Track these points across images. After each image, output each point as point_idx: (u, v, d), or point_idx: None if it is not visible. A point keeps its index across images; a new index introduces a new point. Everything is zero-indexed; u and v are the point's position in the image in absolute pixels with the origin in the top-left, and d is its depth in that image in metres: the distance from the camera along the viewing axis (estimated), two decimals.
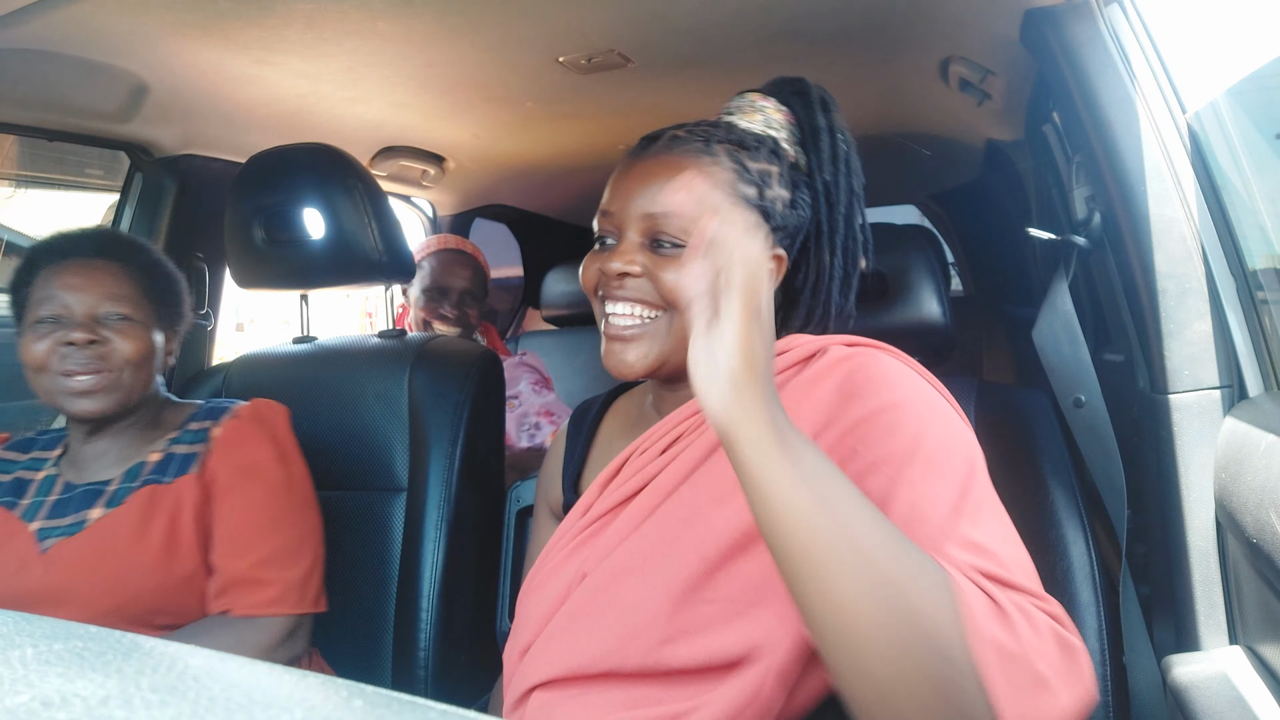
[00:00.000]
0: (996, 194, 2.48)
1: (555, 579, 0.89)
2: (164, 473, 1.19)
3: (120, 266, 1.20)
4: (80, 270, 1.18)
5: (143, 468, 1.20)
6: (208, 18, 1.29)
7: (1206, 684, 0.98)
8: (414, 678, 1.36)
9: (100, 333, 1.16)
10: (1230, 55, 1.26)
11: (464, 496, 1.45)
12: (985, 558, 0.67)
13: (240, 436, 1.23)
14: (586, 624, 0.81)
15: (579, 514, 0.92)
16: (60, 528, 1.16)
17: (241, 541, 1.16)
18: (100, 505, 1.17)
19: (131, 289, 1.20)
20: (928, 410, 0.78)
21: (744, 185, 0.87)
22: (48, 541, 1.15)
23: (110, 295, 1.18)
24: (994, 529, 0.71)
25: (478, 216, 2.81)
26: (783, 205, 0.89)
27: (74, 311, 1.16)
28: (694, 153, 0.87)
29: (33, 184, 4.29)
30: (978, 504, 0.72)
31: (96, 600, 1.11)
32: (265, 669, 0.29)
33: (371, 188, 1.51)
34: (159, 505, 1.16)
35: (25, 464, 1.25)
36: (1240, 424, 1.01)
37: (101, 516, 1.16)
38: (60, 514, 1.17)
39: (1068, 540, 1.12)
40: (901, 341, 1.39)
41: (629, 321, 0.87)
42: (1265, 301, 1.10)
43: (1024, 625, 0.63)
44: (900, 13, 1.42)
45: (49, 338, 1.15)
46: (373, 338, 1.60)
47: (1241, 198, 1.16)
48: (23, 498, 1.21)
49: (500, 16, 1.36)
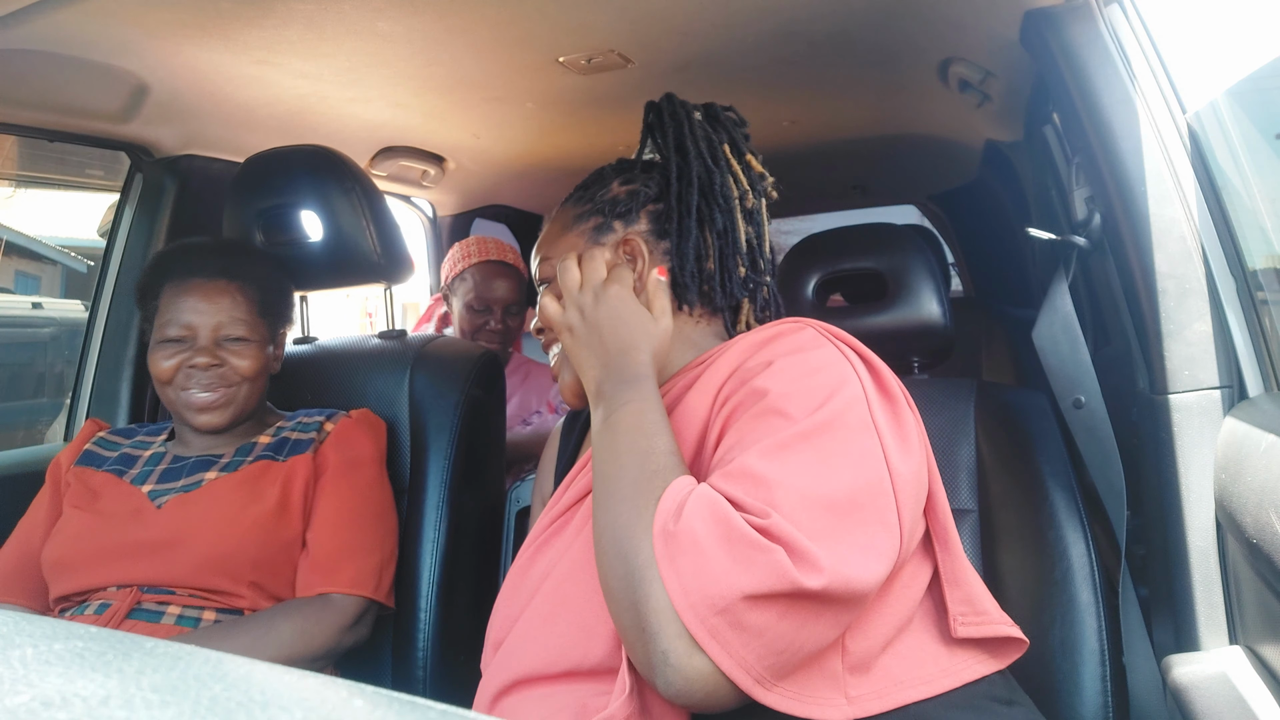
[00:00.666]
0: (996, 195, 2.48)
1: (524, 578, 0.91)
2: (278, 451, 1.31)
3: (239, 287, 1.31)
4: (204, 291, 1.29)
5: (255, 446, 1.32)
6: (208, 18, 1.29)
7: (1206, 684, 0.98)
8: (414, 678, 1.36)
9: (220, 355, 1.28)
10: (1230, 55, 1.26)
11: (463, 497, 1.45)
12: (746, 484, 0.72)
13: (352, 433, 1.34)
14: (551, 624, 0.83)
15: (551, 506, 0.95)
16: (175, 488, 1.26)
17: (336, 524, 1.26)
18: (215, 470, 1.28)
19: (248, 310, 1.31)
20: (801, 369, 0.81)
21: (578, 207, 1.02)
22: (162, 499, 1.24)
23: (230, 318, 1.29)
24: (787, 464, 0.73)
25: (478, 217, 2.81)
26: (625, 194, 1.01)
27: (198, 334, 1.28)
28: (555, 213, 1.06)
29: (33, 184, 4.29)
30: (783, 444, 0.74)
31: (204, 549, 1.19)
32: (265, 669, 0.29)
33: (369, 189, 1.51)
34: (272, 477, 1.27)
35: (131, 444, 1.36)
36: (1240, 424, 1.01)
37: (216, 478, 1.26)
38: (176, 476, 1.28)
39: (1067, 541, 1.12)
40: (901, 341, 1.40)
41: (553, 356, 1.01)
42: (1265, 301, 1.10)
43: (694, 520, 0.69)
44: (900, 14, 1.42)
45: (176, 357, 1.27)
46: (373, 338, 1.60)
47: (1241, 198, 1.16)
48: (131, 468, 1.31)
49: (500, 17, 1.36)
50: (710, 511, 0.69)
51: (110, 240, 1.82)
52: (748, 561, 0.66)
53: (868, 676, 0.79)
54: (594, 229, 1.00)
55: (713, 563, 0.66)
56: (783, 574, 0.65)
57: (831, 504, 0.71)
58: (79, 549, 1.21)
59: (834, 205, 3.12)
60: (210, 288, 1.29)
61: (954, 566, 0.87)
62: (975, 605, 0.87)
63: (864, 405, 0.79)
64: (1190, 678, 1.00)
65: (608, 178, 1.05)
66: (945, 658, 0.84)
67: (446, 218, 2.75)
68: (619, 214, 1.00)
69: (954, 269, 3.45)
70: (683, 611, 0.66)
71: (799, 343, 0.84)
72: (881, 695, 0.79)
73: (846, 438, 0.76)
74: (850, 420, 0.77)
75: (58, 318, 4.40)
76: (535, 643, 0.82)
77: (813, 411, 0.76)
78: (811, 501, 0.70)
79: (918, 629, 0.85)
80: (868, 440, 0.77)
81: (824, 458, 0.74)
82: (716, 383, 0.86)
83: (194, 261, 1.32)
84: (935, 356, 1.42)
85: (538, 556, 0.92)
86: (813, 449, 0.74)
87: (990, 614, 0.88)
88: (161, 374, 1.28)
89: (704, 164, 1.00)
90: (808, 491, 0.71)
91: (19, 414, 4.12)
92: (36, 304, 4.64)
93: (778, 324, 0.91)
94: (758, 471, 0.72)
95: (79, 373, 1.79)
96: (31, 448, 1.78)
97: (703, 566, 0.66)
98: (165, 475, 1.29)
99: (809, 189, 2.87)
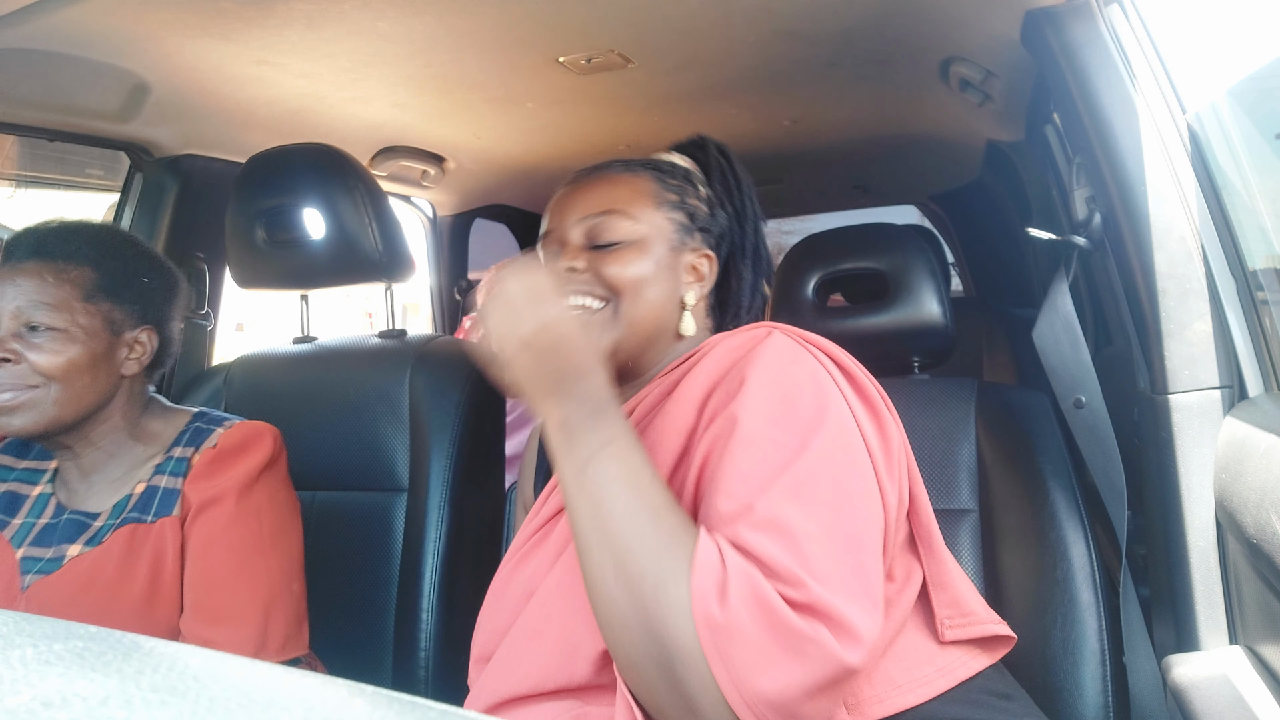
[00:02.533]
0: (997, 194, 2.48)
1: (506, 591, 0.91)
2: (146, 510, 1.10)
3: (58, 267, 1.08)
4: (10, 274, 1.07)
5: (128, 501, 1.11)
6: (208, 18, 1.29)
7: (1206, 684, 0.98)
8: (414, 678, 1.36)
9: (12, 348, 1.05)
10: (1230, 55, 1.26)
11: (464, 497, 1.45)
12: (774, 537, 0.69)
13: (213, 468, 1.12)
14: (537, 641, 0.82)
15: (531, 517, 0.94)
16: (41, 561, 1.09)
17: (191, 597, 1.07)
18: (80, 542, 1.09)
19: (67, 294, 1.07)
20: (783, 388, 0.79)
21: (666, 192, 0.99)
22: (28, 576, 1.08)
23: (32, 302, 1.05)
24: (809, 507, 0.71)
25: (478, 216, 2.81)
26: (707, 209, 1.03)
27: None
28: (617, 171, 1.01)
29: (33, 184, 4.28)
30: (799, 481, 0.72)
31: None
32: (265, 669, 0.29)
33: (371, 188, 1.51)
34: (141, 547, 1.08)
35: (20, 474, 1.18)
36: (1240, 424, 1.01)
37: (80, 554, 1.08)
38: (45, 543, 1.10)
39: (1068, 541, 1.12)
40: (902, 341, 1.40)
41: (584, 310, 0.94)
42: (1265, 301, 1.10)
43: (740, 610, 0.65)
44: (900, 13, 1.42)
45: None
46: (373, 338, 1.60)
47: (1241, 198, 1.16)
48: (14, 517, 1.14)
49: (500, 17, 1.36)
50: (754, 597, 0.66)
51: None
52: (799, 654, 0.64)
53: (868, 683, 0.80)
54: (682, 226, 0.99)
55: (765, 658, 0.64)
56: (833, 660, 0.65)
57: (851, 544, 0.71)
58: None
59: (834, 205, 3.12)
60: (18, 270, 1.07)
61: (938, 570, 0.87)
62: (961, 607, 0.87)
63: (853, 422, 0.79)
64: (1190, 678, 1.00)
65: (691, 180, 1.05)
66: (940, 657, 0.84)
67: (446, 218, 2.75)
68: (701, 228, 1.01)
69: (954, 269, 3.44)
70: (736, 706, 0.64)
71: (775, 356, 0.82)
72: (881, 700, 0.79)
73: (849, 463, 0.75)
74: (847, 442, 0.77)
75: None
76: (522, 662, 0.82)
77: (809, 438, 0.74)
78: (835, 546, 0.70)
79: (912, 630, 0.85)
80: (865, 462, 0.77)
81: (837, 493, 0.73)
82: (699, 395, 0.84)
83: (19, 243, 1.10)
84: (936, 356, 1.42)
85: (519, 569, 0.91)
86: (827, 483, 0.73)
87: (977, 613, 0.88)
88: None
89: (756, 220, 1.07)
90: (832, 540, 0.70)
91: None
92: None
93: (750, 330, 0.89)
94: (782, 519, 0.70)
95: None
96: None
97: (755, 662, 0.64)
98: (41, 535, 1.10)
99: (809, 189, 2.87)
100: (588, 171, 1.03)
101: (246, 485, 1.12)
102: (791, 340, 0.85)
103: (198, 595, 1.07)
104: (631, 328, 0.93)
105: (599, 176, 1.00)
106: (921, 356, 1.41)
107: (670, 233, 0.98)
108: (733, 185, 1.07)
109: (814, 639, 0.64)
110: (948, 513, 1.21)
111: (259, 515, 1.12)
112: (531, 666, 0.81)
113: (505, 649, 0.85)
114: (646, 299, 0.94)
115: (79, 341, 1.07)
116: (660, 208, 0.98)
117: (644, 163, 1.03)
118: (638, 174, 1.01)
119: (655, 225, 0.97)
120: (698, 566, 0.67)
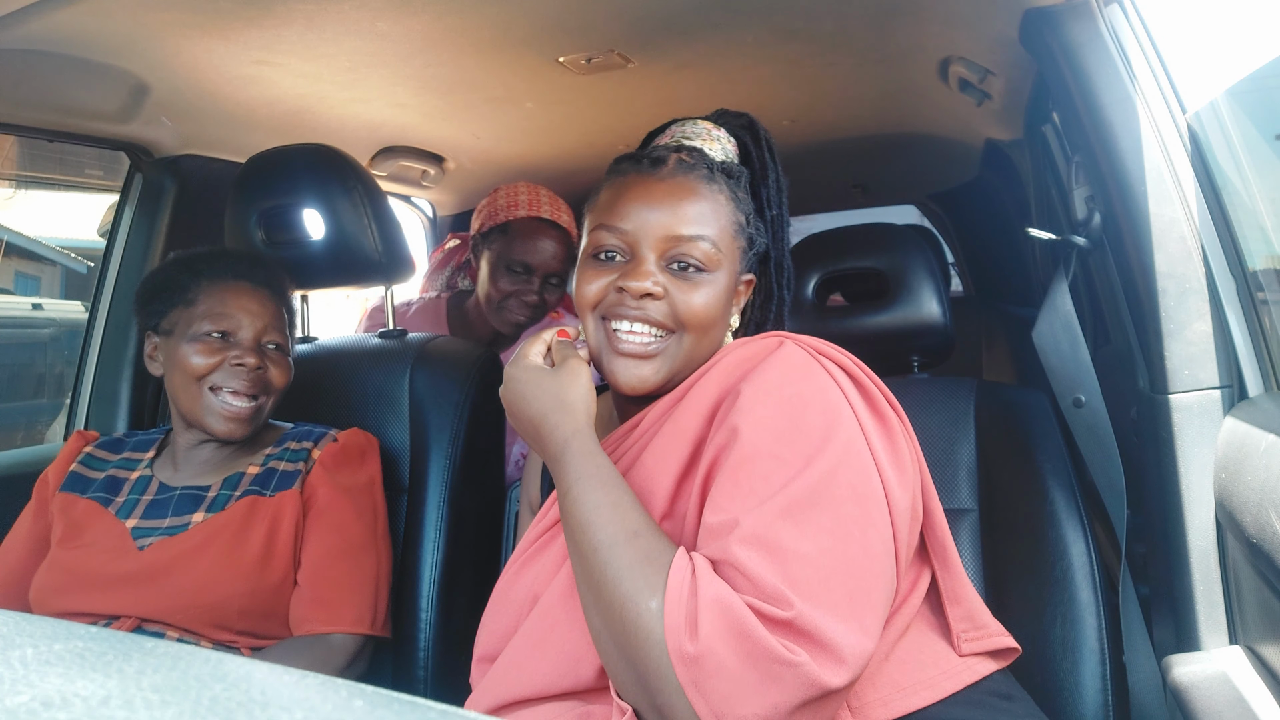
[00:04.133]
0: (996, 194, 2.48)
1: (510, 593, 0.91)
2: (265, 485, 1.25)
3: (274, 297, 1.29)
4: (252, 294, 1.26)
5: (242, 478, 1.26)
6: (208, 18, 1.29)
7: (1206, 684, 0.98)
8: (414, 678, 1.36)
9: (263, 360, 1.25)
10: (1230, 55, 1.26)
11: (464, 497, 1.45)
12: (763, 553, 0.69)
13: (340, 461, 1.29)
14: (541, 649, 0.82)
15: (537, 521, 0.94)
16: (159, 528, 1.20)
17: (329, 561, 1.22)
18: (201, 510, 1.22)
19: (281, 321, 1.30)
20: (790, 404, 0.78)
21: (737, 212, 0.92)
22: (146, 539, 1.19)
23: (271, 325, 1.27)
24: (803, 527, 0.71)
25: None
26: (755, 231, 0.96)
27: (245, 334, 1.24)
28: (703, 179, 0.91)
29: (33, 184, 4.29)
30: (797, 500, 0.72)
31: (188, 598, 1.15)
32: (265, 669, 0.29)
33: (371, 188, 1.51)
34: (260, 515, 1.21)
35: (117, 463, 1.31)
36: (1240, 424, 1.01)
37: (203, 521, 1.21)
38: (158, 515, 1.22)
39: (1067, 540, 1.12)
40: (902, 341, 1.40)
41: (646, 339, 0.88)
42: (1265, 301, 1.10)
43: (713, 640, 0.65)
44: (900, 13, 1.42)
45: (217, 355, 1.22)
46: (373, 338, 1.60)
47: (1241, 198, 1.16)
48: (117, 495, 1.26)
49: (500, 17, 1.36)
50: (727, 625, 0.65)
51: (110, 240, 1.82)
52: (776, 679, 0.64)
53: (871, 686, 0.79)
54: (742, 253, 0.93)
55: (742, 687, 0.64)
56: (812, 683, 0.64)
57: (847, 567, 0.70)
58: (64, 590, 1.17)
59: (834, 205, 3.12)
60: (257, 293, 1.27)
61: (954, 584, 0.87)
62: (975, 620, 0.87)
63: (861, 440, 0.77)
64: (1190, 677, 1.00)
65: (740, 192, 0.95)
66: (946, 659, 0.84)
67: (446, 218, 2.75)
68: (751, 240, 0.95)
69: (954, 269, 3.44)
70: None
71: (783, 369, 0.81)
72: (886, 703, 0.79)
73: (853, 484, 0.74)
74: (853, 462, 0.75)
75: (58, 318, 4.39)
76: (525, 669, 0.82)
77: (814, 457, 0.74)
78: (828, 569, 0.69)
79: (918, 633, 0.85)
80: (871, 482, 0.76)
81: (835, 516, 0.72)
82: (708, 404, 0.83)
83: (235, 265, 1.29)
84: (935, 356, 1.42)
85: (523, 572, 0.91)
86: (825, 505, 0.72)
87: (989, 627, 0.89)
88: (197, 369, 1.21)
89: (786, 228, 1.01)
90: (824, 559, 0.69)
91: (19, 415, 4.12)
92: (36, 304, 4.64)
93: (762, 340, 0.88)
94: (773, 539, 0.69)
95: (78, 373, 1.79)
96: (31, 448, 1.78)
97: (732, 692, 0.64)
98: (150, 509, 1.23)
99: (809, 189, 2.87)
100: (661, 160, 0.92)
101: (372, 486, 1.31)
102: (803, 352, 0.83)
103: (320, 569, 1.21)
104: (689, 362, 0.89)
105: (682, 181, 0.90)
106: (921, 356, 1.41)
107: (736, 263, 0.93)
108: (773, 190, 1.00)
109: (790, 662, 0.64)
110: (948, 512, 1.20)
111: (375, 512, 1.30)
112: (536, 674, 0.81)
113: (509, 656, 0.85)
114: (712, 334, 0.91)
115: (290, 360, 1.32)
116: (736, 235, 0.92)
117: (719, 168, 0.94)
118: (716, 184, 0.91)
119: (731, 255, 0.91)
120: (669, 599, 0.67)
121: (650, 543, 0.72)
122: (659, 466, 0.83)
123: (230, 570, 1.17)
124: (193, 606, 1.15)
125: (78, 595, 1.17)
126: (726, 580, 0.70)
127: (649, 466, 0.84)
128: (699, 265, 0.88)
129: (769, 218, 0.99)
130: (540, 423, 0.84)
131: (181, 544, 1.18)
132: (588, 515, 0.75)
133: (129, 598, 1.15)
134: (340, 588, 1.21)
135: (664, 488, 0.82)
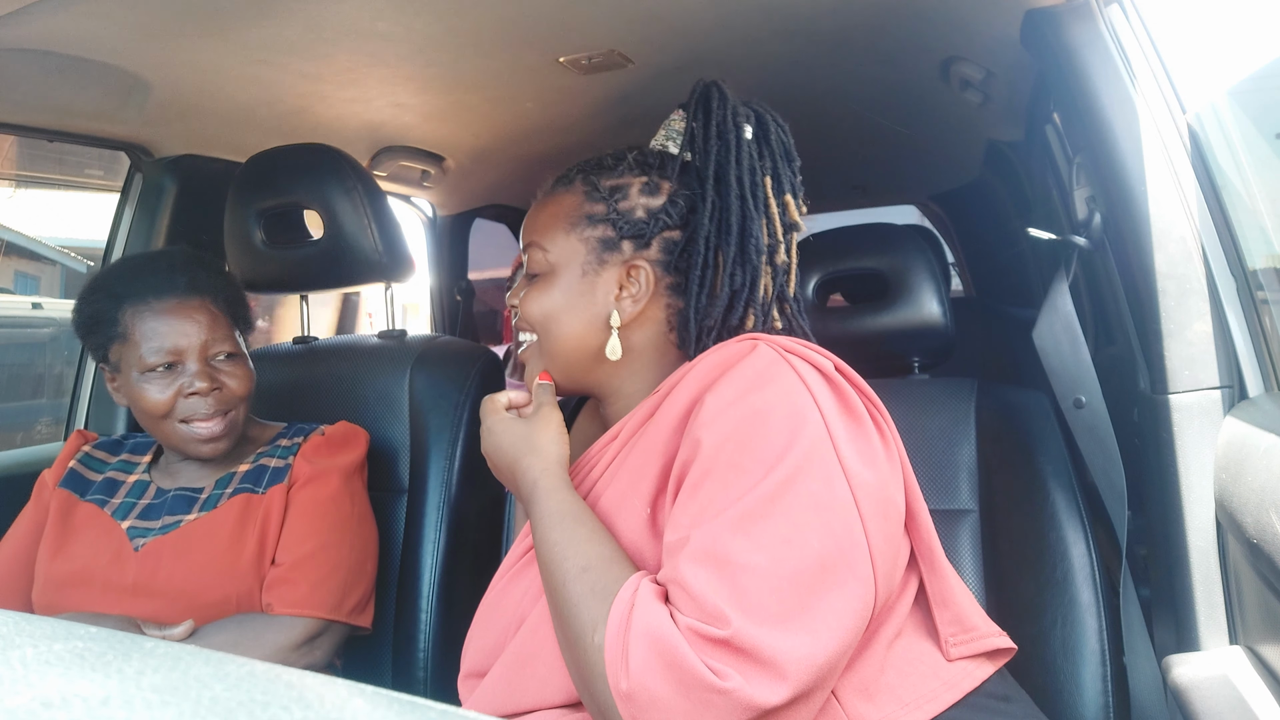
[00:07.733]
0: (997, 194, 2.48)
1: (498, 607, 0.91)
2: (257, 483, 1.24)
3: (208, 301, 1.21)
4: (182, 309, 1.18)
5: (233, 477, 1.26)
6: (208, 18, 1.28)
7: (1207, 684, 0.98)
8: (414, 678, 1.36)
9: (217, 377, 1.19)
10: (1230, 55, 1.26)
11: (464, 497, 1.45)
12: (710, 569, 0.69)
13: (319, 450, 1.28)
14: (530, 667, 0.82)
15: (522, 538, 0.94)
16: (153, 529, 1.20)
17: (290, 540, 1.20)
18: (194, 510, 1.22)
19: (227, 322, 1.23)
20: (751, 414, 0.76)
21: (591, 204, 0.94)
22: (141, 540, 1.19)
23: (213, 337, 1.20)
24: (756, 539, 0.70)
25: (478, 216, 2.81)
26: (644, 212, 0.93)
27: (189, 358, 1.18)
28: (555, 188, 0.99)
29: (33, 184, 4.29)
30: (750, 511, 0.71)
31: (189, 597, 1.15)
32: (265, 669, 0.29)
33: (371, 188, 1.51)
34: (252, 513, 1.21)
35: (116, 465, 1.31)
36: (1240, 424, 1.01)
37: (194, 520, 1.20)
38: (153, 516, 1.22)
39: (1068, 541, 1.12)
40: (902, 341, 1.40)
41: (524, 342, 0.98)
42: (1265, 301, 1.10)
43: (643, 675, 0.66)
44: (901, 13, 1.42)
45: (170, 387, 1.17)
46: (373, 338, 1.60)
47: (1241, 198, 1.16)
48: (113, 497, 1.26)
49: (500, 17, 1.36)
50: (656, 657, 0.66)
51: (110, 240, 1.82)
52: (708, 707, 0.64)
53: (871, 703, 0.78)
54: (601, 242, 0.92)
55: (675, 718, 0.65)
56: (746, 706, 0.64)
57: (801, 577, 0.68)
58: (63, 591, 1.18)
59: (834, 205, 3.12)
60: (186, 305, 1.19)
61: (941, 587, 0.85)
62: (964, 623, 0.86)
63: (827, 444, 0.75)
64: (1191, 678, 1.00)
65: (626, 177, 0.94)
66: (945, 671, 0.83)
67: (446, 218, 2.75)
68: (633, 235, 0.91)
69: (954, 269, 3.44)
70: None
71: (749, 376, 0.78)
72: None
73: (813, 492, 0.72)
74: (814, 470, 0.73)
75: (58, 318, 4.39)
76: (513, 686, 0.83)
77: (773, 466, 0.72)
78: (780, 580, 0.68)
79: (916, 643, 0.84)
80: (835, 488, 0.73)
81: (792, 524, 0.70)
82: (678, 414, 0.82)
83: (152, 280, 1.20)
84: (936, 356, 1.42)
85: (510, 589, 0.91)
86: (780, 514, 0.70)
87: (980, 628, 0.87)
88: (156, 407, 1.17)
89: (743, 207, 0.90)
90: (776, 570, 0.68)
91: (18, 415, 4.12)
92: (36, 304, 4.64)
93: (735, 344, 0.85)
94: (723, 552, 0.69)
95: (78, 374, 1.79)
96: (32, 448, 1.78)
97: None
98: (146, 512, 1.23)
99: (809, 189, 2.86)
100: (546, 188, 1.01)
101: (348, 471, 1.28)
102: (773, 353, 0.80)
103: (293, 552, 1.19)
104: (552, 360, 0.95)
105: (542, 198, 0.99)
106: (921, 357, 1.41)
107: (583, 255, 0.92)
108: (713, 154, 0.92)
109: (720, 689, 0.64)
110: (947, 513, 1.21)
111: (352, 498, 1.28)
112: (525, 693, 0.82)
113: (498, 674, 0.85)
114: (558, 333, 0.93)
115: (248, 360, 1.26)
116: (575, 228, 0.92)
117: (584, 168, 0.98)
118: (568, 189, 0.96)
119: (565, 252, 0.93)
120: (609, 633, 0.69)
121: (599, 576, 0.74)
122: (633, 483, 0.83)
123: (224, 570, 1.16)
124: (193, 607, 1.15)
125: (78, 596, 1.17)
126: (673, 601, 0.70)
127: (624, 483, 0.84)
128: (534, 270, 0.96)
129: (709, 203, 0.91)
130: (514, 467, 0.89)
131: (175, 541, 1.18)
132: (548, 553, 0.78)
133: (129, 598, 1.16)
134: (301, 569, 1.18)
135: (641, 504, 0.82)
